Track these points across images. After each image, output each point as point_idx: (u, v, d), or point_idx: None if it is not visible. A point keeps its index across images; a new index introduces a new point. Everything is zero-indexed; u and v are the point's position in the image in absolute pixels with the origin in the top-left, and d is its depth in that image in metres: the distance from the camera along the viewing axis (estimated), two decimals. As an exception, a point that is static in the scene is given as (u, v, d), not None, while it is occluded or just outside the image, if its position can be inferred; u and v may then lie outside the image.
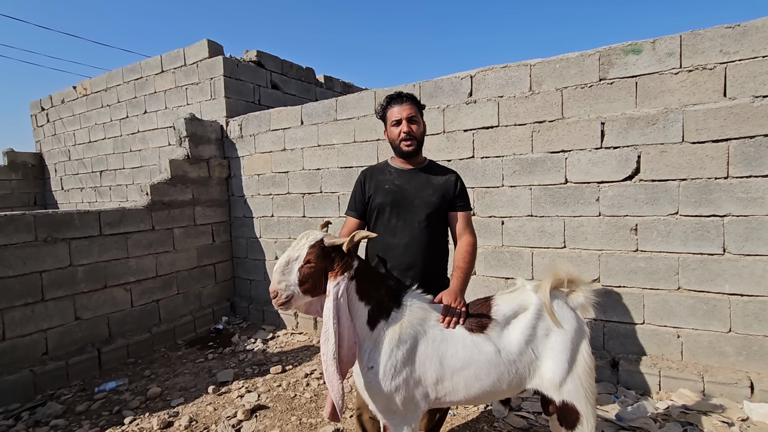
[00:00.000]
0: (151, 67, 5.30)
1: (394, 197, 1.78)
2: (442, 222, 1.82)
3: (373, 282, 1.46)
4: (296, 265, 1.36)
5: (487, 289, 3.14)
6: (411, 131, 1.77)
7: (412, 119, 1.77)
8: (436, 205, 1.77)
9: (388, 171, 1.86)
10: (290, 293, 1.37)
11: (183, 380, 3.14)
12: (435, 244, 1.79)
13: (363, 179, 1.90)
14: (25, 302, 3.02)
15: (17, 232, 2.98)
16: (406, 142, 1.77)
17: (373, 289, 1.44)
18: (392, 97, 1.81)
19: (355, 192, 1.92)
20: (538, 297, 1.49)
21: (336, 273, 1.38)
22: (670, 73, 2.50)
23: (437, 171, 1.87)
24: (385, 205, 1.79)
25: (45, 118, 6.96)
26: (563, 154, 2.82)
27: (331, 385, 1.34)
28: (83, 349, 3.32)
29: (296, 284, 1.36)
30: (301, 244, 1.39)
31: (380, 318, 1.42)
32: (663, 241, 2.56)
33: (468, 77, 3.13)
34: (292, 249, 1.39)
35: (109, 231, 3.52)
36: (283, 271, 1.37)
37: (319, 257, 1.37)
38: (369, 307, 1.42)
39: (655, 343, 2.63)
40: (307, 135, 4.02)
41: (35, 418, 2.65)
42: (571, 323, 1.47)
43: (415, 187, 1.79)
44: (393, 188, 1.80)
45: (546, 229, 2.91)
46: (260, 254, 4.46)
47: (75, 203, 6.60)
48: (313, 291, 1.40)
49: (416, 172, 1.83)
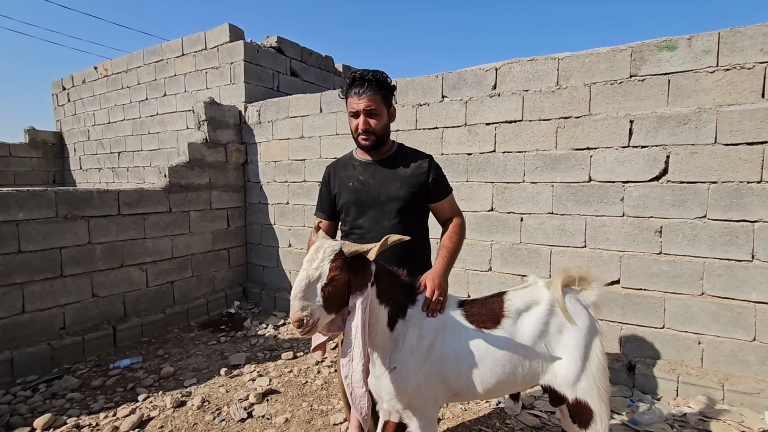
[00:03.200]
0: (171, 49, 5.31)
1: (358, 195, 1.64)
2: (418, 215, 1.68)
3: (390, 282, 1.40)
4: (319, 286, 1.20)
5: (502, 286, 3.10)
6: (369, 127, 1.59)
7: (371, 112, 1.58)
8: (405, 200, 1.62)
9: (352, 165, 1.70)
10: (316, 318, 1.21)
11: (195, 361, 3.17)
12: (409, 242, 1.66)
13: (327, 177, 1.75)
14: (44, 277, 3.07)
15: (39, 207, 3.02)
16: (363, 136, 1.61)
17: (390, 289, 1.38)
18: (354, 80, 1.59)
19: (321, 191, 1.76)
20: (550, 293, 1.48)
21: (362, 285, 1.27)
22: (705, 72, 2.41)
23: (406, 159, 1.68)
24: (349, 204, 1.66)
25: (66, 98, 7.04)
26: (588, 152, 2.75)
27: (360, 408, 1.26)
28: (99, 326, 3.37)
29: (321, 307, 1.21)
30: (319, 259, 1.23)
31: (398, 318, 1.39)
32: (688, 245, 2.50)
33: (493, 69, 3.07)
34: (308, 266, 1.23)
35: (127, 211, 3.55)
36: (304, 295, 1.20)
37: (342, 270, 1.22)
38: (388, 309, 1.37)
39: (675, 349, 2.58)
40: (325, 123, 4.00)
41: (52, 390, 2.71)
42: (583, 320, 1.46)
43: (379, 181, 1.64)
44: (356, 185, 1.65)
45: (566, 227, 2.85)
46: (274, 241, 4.47)
47: (93, 183, 6.69)
48: (338, 308, 1.26)
49: (380, 165, 1.67)
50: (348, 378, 1.26)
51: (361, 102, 1.57)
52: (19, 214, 2.92)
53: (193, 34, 5.06)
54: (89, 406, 2.54)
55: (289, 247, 4.37)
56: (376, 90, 1.58)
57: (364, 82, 1.57)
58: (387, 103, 1.63)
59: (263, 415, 2.42)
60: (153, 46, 5.53)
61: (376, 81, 1.58)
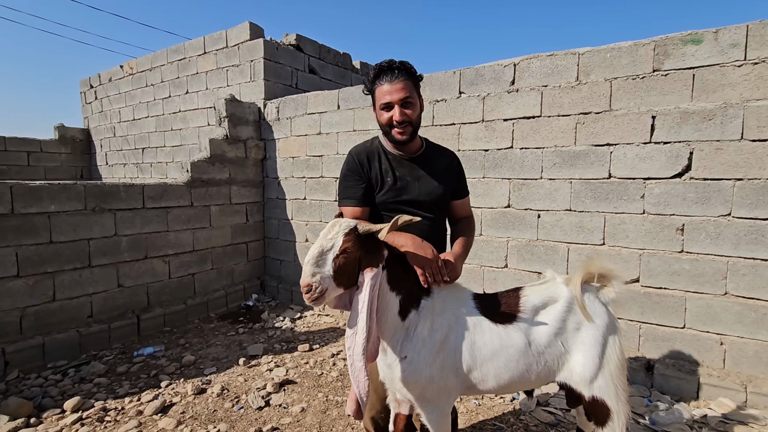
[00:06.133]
0: (194, 48, 5.43)
1: (396, 193, 1.56)
2: (444, 211, 1.69)
3: (404, 270, 1.39)
4: (330, 256, 1.23)
5: (518, 283, 3.06)
6: (406, 118, 1.46)
7: (406, 101, 1.45)
8: (441, 197, 1.61)
9: (385, 157, 1.58)
10: (324, 286, 1.23)
11: (215, 351, 3.26)
12: (442, 234, 1.67)
13: (358, 162, 1.56)
14: (73, 267, 3.21)
15: (69, 200, 3.15)
16: (398, 130, 1.48)
17: (403, 278, 1.37)
18: (382, 69, 1.47)
19: (351, 178, 1.56)
20: (568, 290, 1.46)
21: (373, 263, 1.28)
22: (732, 66, 2.35)
23: (437, 155, 1.65)
24: (390, 200, 1.57)
25: (93, 96, 7.28)
26: (608, 148, 2.71)
27: (357, 381, 1.28)
28: (124, 315, 3.50)
29: (330, 276, 1.23)
30: (334, 231, 1.26)
31: (411, 308, 1.37)
32: (712, 243, 2.44)
33: (511, 65, 3.05)
34: (323, 238, 1.26)
35: (151, 204, 3.67)
36: (316, 262, 1.23)
37: (355, 245, 1.25)
38: (400, 297, 1.36)
39: (696, 349, 2.52)
40: (343, 119, 4.04)
41: (80, 375, 2.83)
42: (602, 318, 1.44)
43: (416, 178, 1.58)
44: (394, 182, 1.56)
45: (584, 224, 2.82)
46: (291, 236, 4.55)
47: (118, 178, 6.91)
48: (347, 283, 1.28)
49: (416, 161, 1.59)
50: (350, 350, 1.27)
51: (395, 91, 1.44)
52: (51, 206, 3.05)
53: (215, 33, 5.16)
54: (115, 390, 2.65)
55: (306, 241, 4.43)
56: (408, 77, 1.47)
57: (394, 70, 1.45)
58: (418, 92, 1.53)
59: (280, 404, 2.48)
60: (176, 44, 5.67)
61: (405, 69, 1.47)
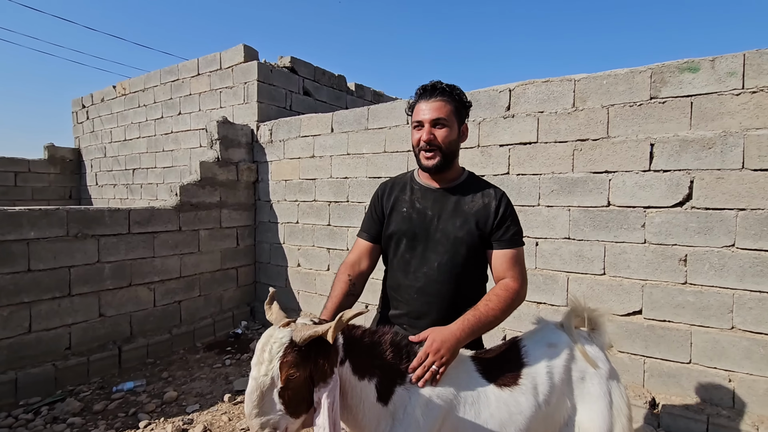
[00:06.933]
0: (187, 69, 5.40)
1: (411, 225, 1.40)
2: (475, 263, 1.39)
3: (373, 349, 1.16)
4: (275, 393, 0.99)
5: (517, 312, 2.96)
6: (433, 139, 1.32)
7: (438, 122, 1.32)
8: (463, 242, 1.35)
9: (411, 187, 1.46)
10: (282, 428, 1.02)
11: (199, 385, 3.10)
12: (459, 291, 1.38)
13: (381, 194, 1.51)
14: (52, 296, 3.06)
15: (50, 226, 3.03)
16: (426, 154, 1.35)
17: (373, 357, 1.16)
18: (425, 89, 1.37)
19: (370, 210, 1.53)
20: (566, 336, 1.36)
21: (325, 374, 1.02)
22: (730, 94, 2.31)
23: (476, 191, 1.41)
24: (398, 234, 1.42)
25: (85, 116, 7.21)
26: (607, 175, 2.65)
27: None
28: (104, 346, 3.33)
29: (284, 414, 1.00)
30: (266, 360, 0.99)
31: (393, 387, 1.14)
32: (716, 275, 2.36)
33: (507, 90, 3.01)
34: (257, 372, 1.00)
35: (137, 230, 3.55)
36: (260, 410, 0.99)
37: (298, 365, 0.99)
38: (375, 381, 1.13)
39: (703, 386, 2.41)
40: (336, 143, 3.98)
41: (54, 414, 2.65)
42: (603, 364, 1.34)
43: (438, 214, 1.39)
44: (411, 213, 1.41)
45: (584, 253, 2.74)
46: (283, 260, 4.42)
47: (107, 199, 6.78)
48: (306, 408, 1.05)
49: (444, 194, 1.41)
50: None
51: (429, 110, 1.33)
52: (30, 233, 2.93)
53: (209, 55, 5.14)
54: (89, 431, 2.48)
55: (298, 266, 4.31)
56: (449, 99, 1.34)
57: (435, 90, 1.35)
58: (459, 117, 1.37)
59: (266, 448, 2.32)
60: (170, 66, 5.64)
61: (447, 91, 1.35)
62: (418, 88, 1.40)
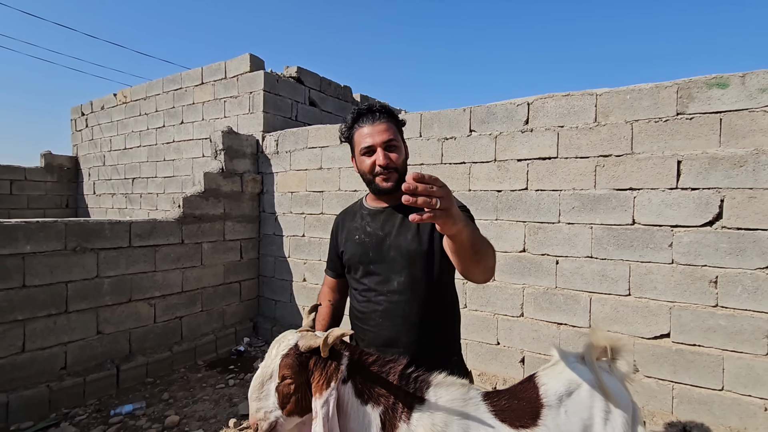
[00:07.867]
0: (191, 78, 5.31)
1: (364, 250, 1.35)
2: (439, 271, 1.31)
3: (379, 375, 1.11)
4: (272, 386, 1.06)
5: (536, 334, 2.86)
6: (390, 162, 1.28)
7: (389, 145, 1.28)
8: (418, 254, 1.28)
9: (360, 215, 1.42)
10: (272, 420, 1.05)
11: (202, 408, 2.94)
12: (426, 308, 1.30)
13: (335, 229, 1.49)
14: (48, 313, 2.90)
15: (47, 239, 2.89)
16: (383, 177, 1.29)
17: (378, 383, 1.10)
18: (361, 113, 1.32)
19: (329, 246, 1.52)
20: (588, 371, 1.23)
21: (321, 386, 1.03)
22: (762, 111, 2.24)
23: None
24: (354, 262, 1.38)
25: (84, 123, 7.08)
26: (631, 192, 2.57)
27: None
28: (102, 365, 3.17)
29: (276, 408, 1.05)
30: (272, 354, 1.08)
31: (398, 422, 1.07)
32: (749, 298, 2.26)
33: (525, 104, 2.94)
34: (264, 363, 1.09)
35: (138, 243, 3.41)
36: (259, 395, 1.07)
37: (295, 369, 1.04)
38: (380, 410, 1.07)
39: (737, 415, 2.30)
40: (345, 154, 3.88)
41: (47, 441, 2.49)
42: (626, 401, 1.22)
43: (388, 231, 1.33)
44: (363, 238, 1.36)
45: (608, 273, 2.64)
46: (288, 275, 4.29)
47: (105, 209, 6.63)
48: (301, 411, 1.06)
49: (393, 211, 1.35)
50: None
51: (377, 133, 1.28)
52: (26, 247, 2.78)
53: (213, 64, 5.06)
54: (85, 462, 2.32)
55: (304, 281, 4.17)
56: (390, 119, 1.32)
57: (375, 113, 1.31)
58: (402, 137, 1.37)
59: (276, 481, 2.17)
60: (173, 74, 5.55)
61: (387, 111, 1.32)
62: (350, 112, 1.35)
